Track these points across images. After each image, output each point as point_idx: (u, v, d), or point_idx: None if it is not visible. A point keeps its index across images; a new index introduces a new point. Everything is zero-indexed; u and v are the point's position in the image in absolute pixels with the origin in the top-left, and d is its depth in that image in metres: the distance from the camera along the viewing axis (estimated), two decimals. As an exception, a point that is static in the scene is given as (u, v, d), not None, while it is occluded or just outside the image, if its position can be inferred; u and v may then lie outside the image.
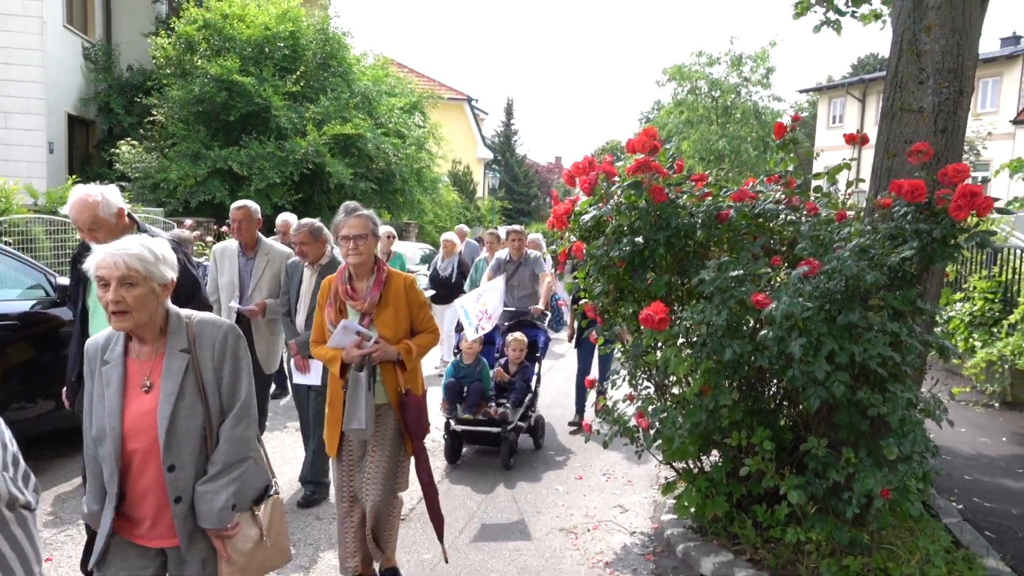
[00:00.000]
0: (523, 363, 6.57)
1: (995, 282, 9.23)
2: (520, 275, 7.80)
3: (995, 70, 26.62)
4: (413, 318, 3.78)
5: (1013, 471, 6.01)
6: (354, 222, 3.62)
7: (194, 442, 2.43)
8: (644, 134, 4.64)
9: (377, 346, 3.58)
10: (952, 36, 4.26)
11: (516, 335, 6.58)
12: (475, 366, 6.31)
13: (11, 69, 13.20)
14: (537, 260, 7.88)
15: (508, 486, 5.73)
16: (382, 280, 3.72)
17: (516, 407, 6.20)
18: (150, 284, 2.37)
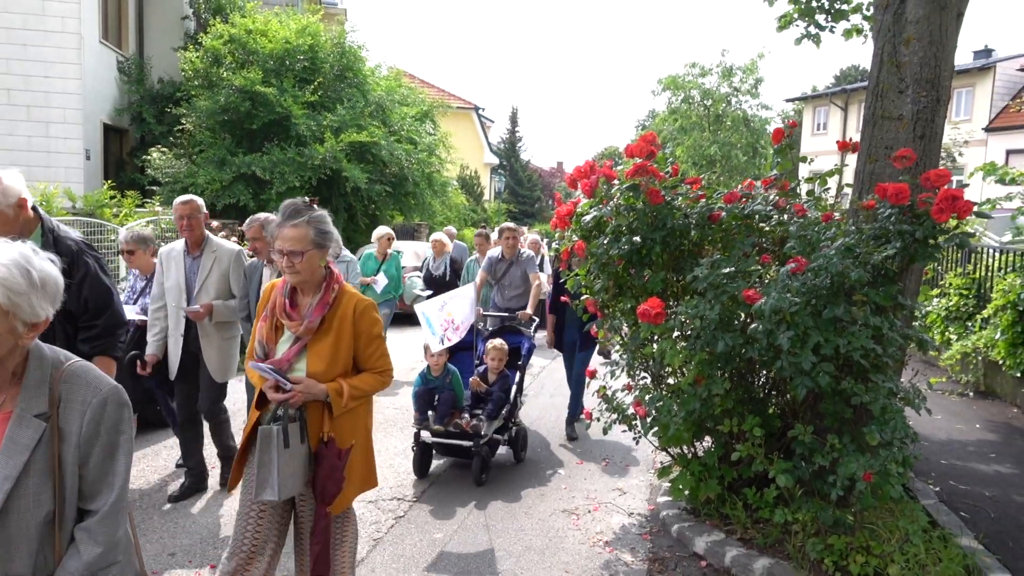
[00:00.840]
0: (503, 372, 5.70)
1: (970, 279, 9.20)
2: (512, 274, 7.12)
3: (968, 81, 26.52)
4: (359, 352, 2.86)
5: (986, 456, 5.99)
6: (290, 233, 2.68)
7: (33, 541, 1.65)
8: (643, 140, 4.63)
9: (297, 390, 2.68)
10: (930, 48, 4.24)
11: (496, 342, 5.74)
12: (444, 376, 5.51)
13: (51, 82, 13.22)
14: (530, 260, 7.14)
15: (514, 470, 5.73)
16: (328, 301, 2.80)
17: (491, 419, 5.41)
18: (9, 321, 1.60)
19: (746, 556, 3.97)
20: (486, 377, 5.72)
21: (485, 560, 4.14)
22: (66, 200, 9.71)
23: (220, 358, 4.83)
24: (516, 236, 7.19)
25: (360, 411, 2.92)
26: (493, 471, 5.61)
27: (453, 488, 5.28)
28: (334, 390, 2.73)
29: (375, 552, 4.19)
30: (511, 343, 5.98)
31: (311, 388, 2.70)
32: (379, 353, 2.90)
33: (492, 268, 7.13)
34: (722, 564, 4.02)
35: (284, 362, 2.77)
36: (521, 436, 5.93)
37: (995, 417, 7.24)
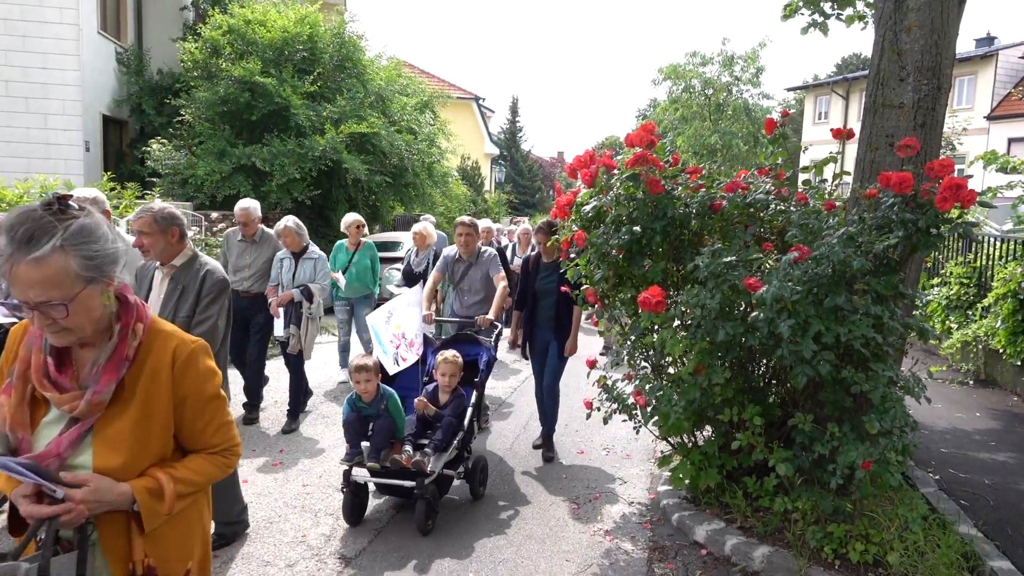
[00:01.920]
0: (457, 390, 4.75)
1: (970, 268, 9.19)
2: (471, 277, 6.04)
3: (970, 69, 26.41)
4: (185, 425, 1.83)
5: (986, 444, 6.00)
6: (31, 274, 1.55)
7: None
8: (642, 129, 4.61)
9: (76, 500, 1.58)
10: (931, 36, 4.22)
11: (448, 354, 4.74)
12: (379, 401, 4.50)
13: (50, 73, 13.18)
14: (492, 260, 6.02)
15: (514, 460, 5.74)
16: (125, 356, 1.73)
17: (440, 451, 4.42)
18: None
19: (746, 544, 3.98)
20: (436, 398, 4.73)
21: (486, 549, 4.16)
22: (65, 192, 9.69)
23: None
24: (471, 232, 5.96)
25: (193, 515, 1.89)
26: (494, 465, 5.61)
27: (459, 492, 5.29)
28: (146, 491, 1.70)
29: (376, 542, 4.20)
30: (467, 355, 5.06)
31: (102, 493, 1.63)
32: (220, 424, 1.89)
33: (448, 269, 6.12)
34: (722, 552, 4.04)
35: (52, 457, 1.65)
36: (479, 468, 4.87)
37: (995, 405, 7.24)
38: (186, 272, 3.54)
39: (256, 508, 4.58)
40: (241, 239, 6.49)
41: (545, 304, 5.69)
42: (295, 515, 4.54)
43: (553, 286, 5.56)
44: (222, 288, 3.53)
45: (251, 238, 6.46)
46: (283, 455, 5.65)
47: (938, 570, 3.57)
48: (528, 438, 6.27)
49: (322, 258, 6.28)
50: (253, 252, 6.46)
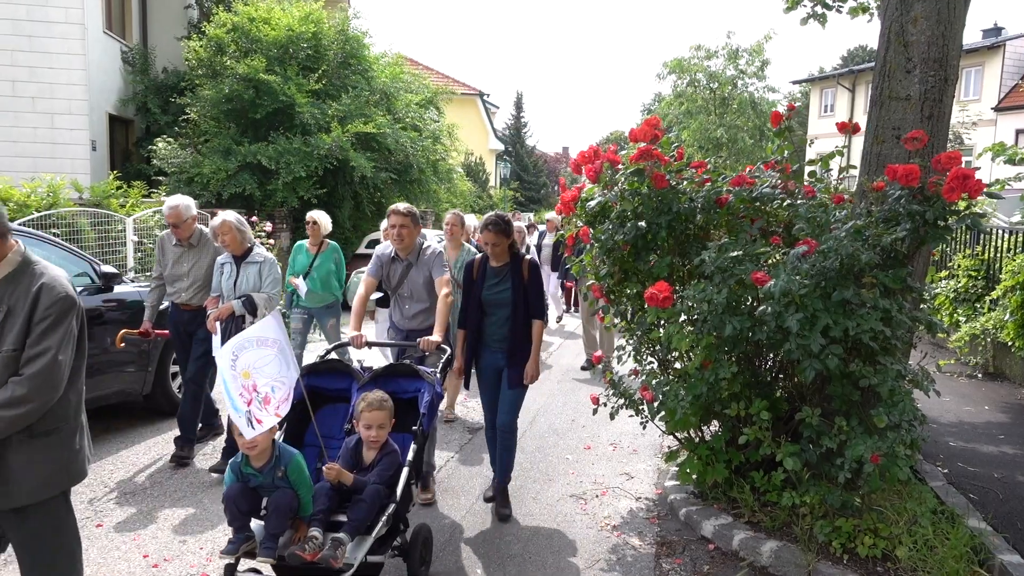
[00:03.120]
0: (387, 445, 3.47)
1: (978, 260, 9.14)
2: (412, 281, 4.74)
3: (977, 60, 26.23)
4: None
5: (995, 437, 5.97)
6: None
7: None
8: (647, 124, 4.60)
9: None
10: (937, 27, 4.19)
11: (372, 396, 3.45)
12: (273, 467, 3.21)
13: (56, 73, 13.23)
14: (436, 258, 4.73)
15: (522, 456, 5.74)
16: None
17: (360, 532, 3.22)
18: None
19: (754, 539, 3.97)
20: (359, 455, 3.48)
21: (494, 545, 4.16)
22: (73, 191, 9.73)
23: None
24: (408, 226, 4.61)
25: None
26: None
27: (461, 475, 5.30)
28: None
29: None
30: (403, 392, 3.84)
31: None
32: None
33: (383, 271, 4.80)
34: (730, 547, 4.03)
35: None
36: (421, 541, 3.64)
37: (1004, 399, 7.20)
38: (12, 287, 2.44)
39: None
40: (176, 243, 5.53)
41: (495, 319, 4.53)
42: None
43: (506, 296, 4.46)
44: (64, 309, 2.45)
45: (186, 241, 5.50)
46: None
47: (947, 564, 3.55)
48: (535, 434, 6.27)
49: (269, 261, 5.28)
50: (191, 258, 5.52)
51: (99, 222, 9.12)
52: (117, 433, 5.94)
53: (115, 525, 4.31)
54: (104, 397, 5.75)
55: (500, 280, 4.52)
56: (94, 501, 4.65)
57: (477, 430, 6.34)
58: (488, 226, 4.44)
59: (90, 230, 8.91)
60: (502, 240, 4.45)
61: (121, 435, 5.89)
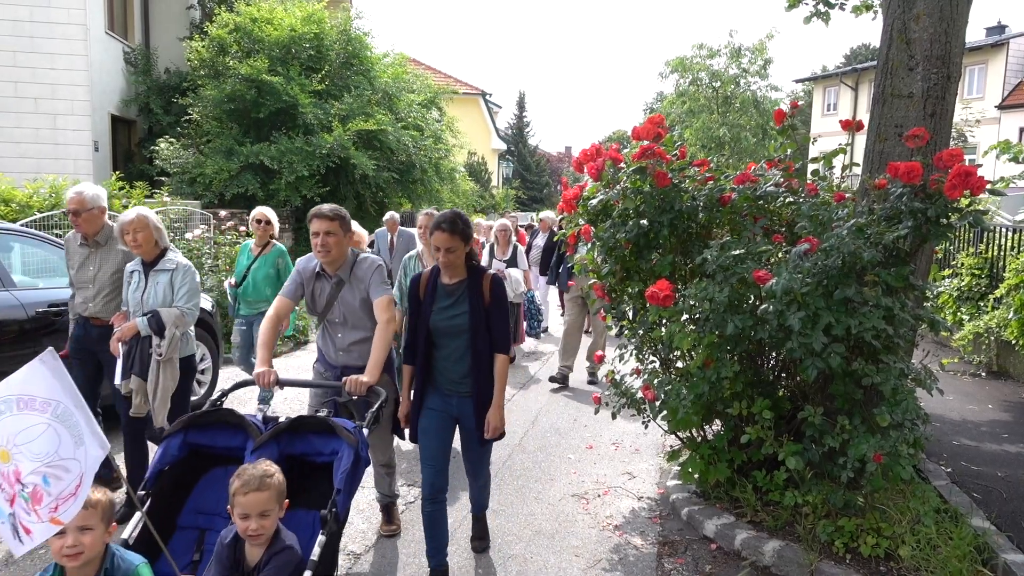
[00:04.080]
0: (277, 539, 2.51)
1: (982, 259, 9.11)
2: (344, 303, 3.74)
3: (981, 58, 26.18)
4: None
5: (998, 436, 5.95)
6: None
7: None
8: (650, 122, 4.59)
9: None
10: (940, 24, 4.17)
11: (249, 473, 2.49)
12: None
13: (58, 74, 13.25)
14: (375, 272, 3.72)
15: (524, 455, 5.73)
16: None
17: None
18: None
19: (756, 539, 3.96)
20: (239, 555, 2.52)
21: (495, 545, 4.15)
22: (75, 192, 9.73)
23: None
24: (338, 230, 3.58)
25: None
26: (502, 455, 5.61)
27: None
28: None
29: (384, 538, 4.20)
30: (314, 455, 2.96)
31: None
32: None
33: (304, 290, 3.78)
34: (732, 547, 4.02)
35: None
36: None
37: (1008, 397, 7.18)
38: None
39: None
40: (82, 242, 4.54)
41: (448, 353, 3.49)
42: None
43: (461, 323, 3.43)
44: None
45: (92, 239, 4.49)
46: None
47: (950, 563, 3.53)
48: (537, 433, 6.26)
49: (183, 268, 4.29)
50: (96, 260, 4.50)
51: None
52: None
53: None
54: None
55: (455, 301, 3.46)
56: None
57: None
58: (440, 225, 3.30)
59: (92, 230, 8.90)
60: (457, 245, 3.34)
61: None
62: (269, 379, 3.34)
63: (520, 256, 8.86)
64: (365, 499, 4.73)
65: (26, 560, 3.80)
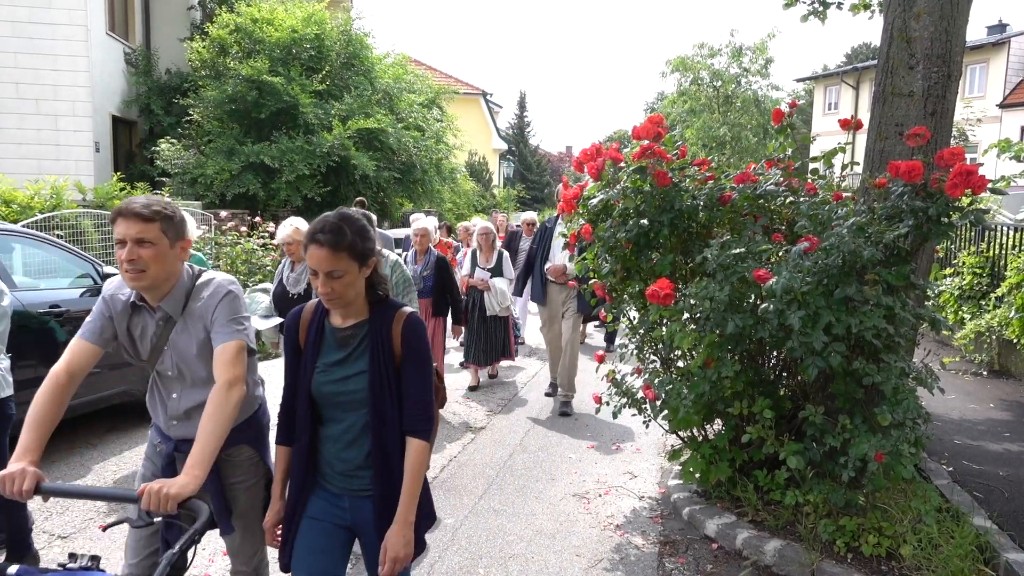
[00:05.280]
0: None
1: (983, 257, 9.10)
2: (178, 350, 2.44)
3: (982, 56, 26.15)
4: None
5: (1000, 435, 5.94)
6: None
7: None
8: (650, 121, 4.59)
9: None
10: (940, 23, 4.16)
11: None
12: None
13: (59, 75, 13.26)
14: (224, 302, 2.38)
15: (525, 455, 5.73)
16: None
17: None
18: None
19: (757, 538, 3.96)
20: None
21: (496, 545, 4.15)
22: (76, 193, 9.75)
23: None
24: (159, 240, 2.27)
25: None
26: (503, 455, 5.61)
27: (464, 474, 5.29)
28: None
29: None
30: None
31: None
32: None
33: (112, 330, 2.47)
34: (733, 546, 4.01)
35: None
36: None
37: (1009, 396, 7.17)
38: None
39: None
40: None
41: (339, 432, 2.32)
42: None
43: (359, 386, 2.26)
44: None
45: None
46: None
47: (952, 562, 3.53)
48: (537, 433, 6.26)
49: None
50: None
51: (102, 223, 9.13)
52: (121, 433, 5.94)
53: (118, 525, 4.31)
54: (107, 398, 5.75)
55: (348, 355, 2.27)
56: (97, 502, 4.65)
57: (480, 429, 6.33)
58: (317, 237, 2.13)
59: (93, 231, 8.93)
60: (346, 268, 2.14)
61: (124, 435, 5.89)
62: (20, 486, 1.97)
63: (506, 263, 7.93)
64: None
65: (27, 561, 3.79)
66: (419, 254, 6.76)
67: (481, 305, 7.70)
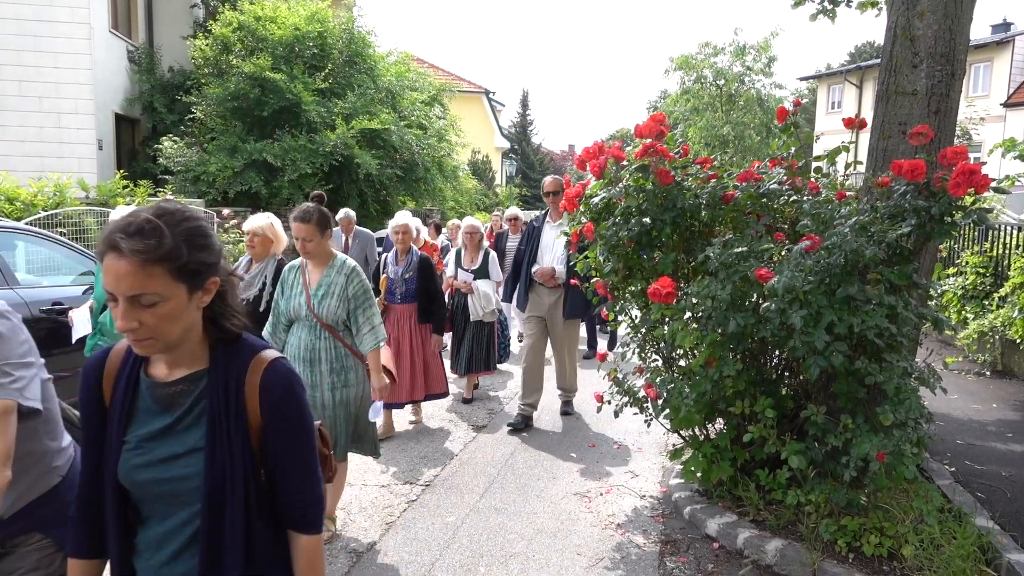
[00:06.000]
0: None
1: (987, 257, 9.07)
2: None
3: (986, 55, 26.07)
4: None
5: (1003, 435, 5.92)
6: None
7: None
8: (652, 119, 4.58)
9: None
10: (944, 21, 4.15)
11: None
12: None
13: (62, 72, 13.27)
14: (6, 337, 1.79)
15: (526, 454, 5.73)
16: None
17: None
18: None
19: (758, 538, 3.95)
20: None
21: (497, 543, 4.15)
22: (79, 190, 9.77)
23: None
24: None
25: None
26: (505, 454, 5.61)
27: (466, 473, 5.29)
28: None
29: (387, 536, 4.20)
30: None
31: None
32: None
33: None
34: (734, 546, 4.01)
35: None
36: None
37: (1012, 396, 7.15)
38: None
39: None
40: None
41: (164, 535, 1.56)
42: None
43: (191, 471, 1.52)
44: None
45: None
46: None
47: (954, 563, 3.52)
48: (538, 432, 6.25)
49: None
50: None
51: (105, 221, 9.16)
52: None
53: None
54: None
55: (175, 421, 1.56)
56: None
57: (482, 427, 6.33)
58: (113, 241, 1.40)
59: (96, 229, 8.94)
60: (162, 287, 1.43)
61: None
62: None
63: (492, 264, 7.17)
64: (368, 496, 4.73)
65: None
66: (400, 254, 6.09)
67: (467, 310, 7.08)
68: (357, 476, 5.09)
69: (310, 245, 3.84)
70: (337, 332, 3.94)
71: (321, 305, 3.88)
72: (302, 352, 3.92)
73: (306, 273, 3.99)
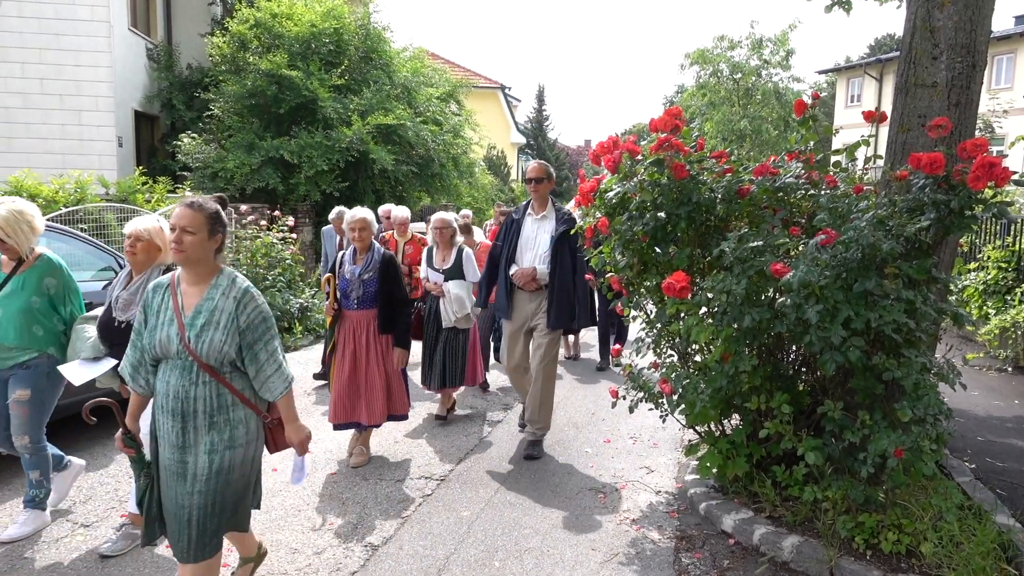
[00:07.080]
0: None
1: (1009, 252, 8.95)
2: None
3: (1009, 47, 25.67)
4: None
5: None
6: None
7: None
8: (667, 114, 4.55)
9: None
10: (965, 12, 4.09)
11: None
12: None
13: (83, 70, 13.42)
14: None
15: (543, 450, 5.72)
16: None
17: None
18: None
19: (775, 534, 3.93)
20: None
21: (512, 538, 4.15)
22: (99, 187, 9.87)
23: None
24: None
25: None
26: (520, 449, 5.60)
27: (480, 467, 5.30)
28: None
29: (403, 530, 4.22)
30: None
31: None
32: None
33: None
34: (750, 542, 3.98)
35: None
36: None
37: (1035, 392, 7.05)
38: None
39: (284, 496, 4.63)
40: None
41: None
42: (322, 503, 4.58)
43: None
44: None
45: None
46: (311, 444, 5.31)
47: (973, 561, 3.48)
48: (554, 427, 6.25)
49: None
50: None
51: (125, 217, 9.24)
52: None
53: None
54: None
55: None
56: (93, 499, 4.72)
57: (497, 423, 6.34)
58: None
59: (116, 225, 9.03)
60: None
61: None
62: None
63: (467, 263, 6.19)
64: (383, 491, 4.76)
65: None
66: (359, 253, 5.19)
67: (439, 315, 6.17)
68: (373, 471, 5.11)
69: (189, 239, 2.77)
70: (221, 375, 2.84)
71: (200, 339, 2.77)
72: (171, 402, 2.81)
73: (178, 294, 2.87)
